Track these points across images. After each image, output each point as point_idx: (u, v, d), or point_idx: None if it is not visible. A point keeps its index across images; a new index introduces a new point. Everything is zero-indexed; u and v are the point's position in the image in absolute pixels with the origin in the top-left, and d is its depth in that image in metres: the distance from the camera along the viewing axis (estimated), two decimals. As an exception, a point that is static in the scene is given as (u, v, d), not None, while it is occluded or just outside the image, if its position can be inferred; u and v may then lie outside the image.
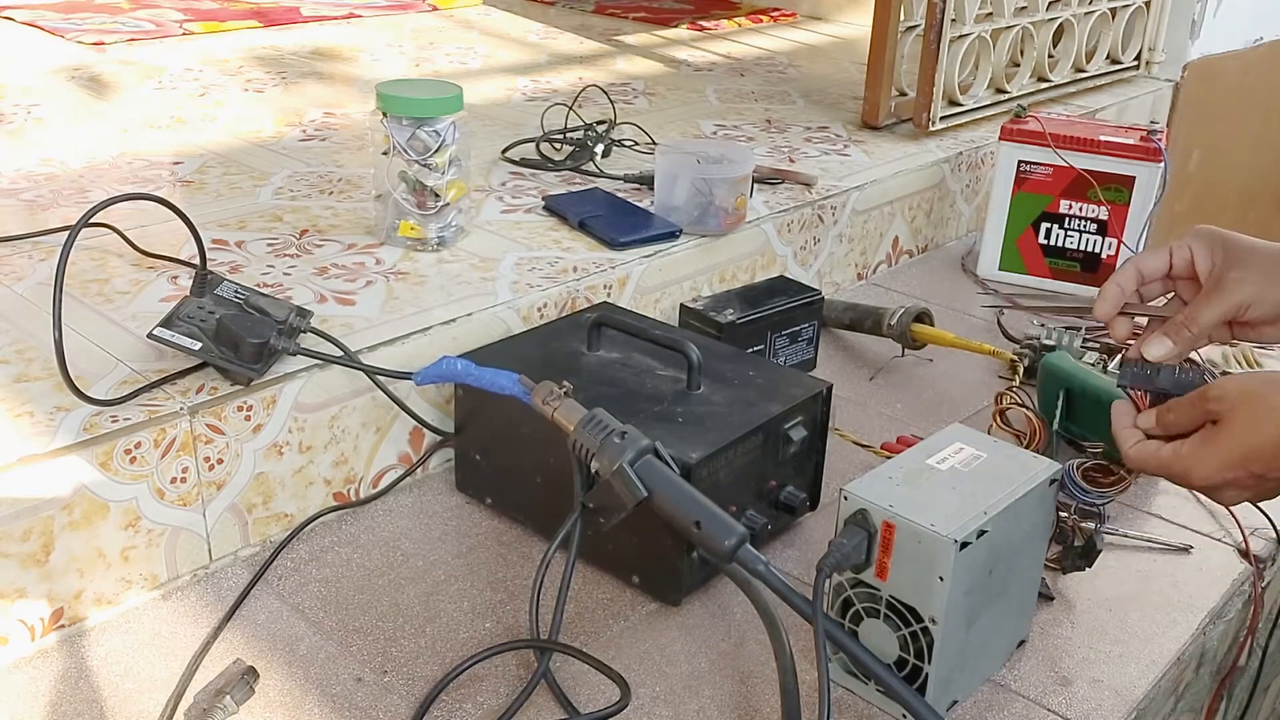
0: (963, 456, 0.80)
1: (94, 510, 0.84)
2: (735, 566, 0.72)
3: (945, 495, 0.76)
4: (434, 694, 0.80)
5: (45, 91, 1.77)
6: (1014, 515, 0.76)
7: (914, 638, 0.75)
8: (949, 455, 0.80)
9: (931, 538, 0.72)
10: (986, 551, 0.74)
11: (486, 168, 1.47)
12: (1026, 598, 0.85)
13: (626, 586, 0.92)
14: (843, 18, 2.69)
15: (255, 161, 1.48)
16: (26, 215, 1.27)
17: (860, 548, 0.75)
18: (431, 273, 1.15)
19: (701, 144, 1.52)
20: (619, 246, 1.22)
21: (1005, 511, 0.75)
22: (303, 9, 2.47)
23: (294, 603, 0.90)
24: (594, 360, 1.00)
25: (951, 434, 0.83)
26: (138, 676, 0.82)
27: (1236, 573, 0.97)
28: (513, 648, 0.85)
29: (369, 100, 1.32)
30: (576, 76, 2.02)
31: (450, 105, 1.17)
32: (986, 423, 1.13)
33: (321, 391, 0.97)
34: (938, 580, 0.72)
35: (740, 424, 0.90)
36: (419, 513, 1.02)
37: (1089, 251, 1.48)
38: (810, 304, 1.23)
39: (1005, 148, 1.48)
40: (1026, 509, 0.78)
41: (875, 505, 0.75)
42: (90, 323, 1.01)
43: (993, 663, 0.83)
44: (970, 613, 0.76)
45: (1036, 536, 0.82)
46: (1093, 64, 1.98)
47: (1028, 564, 0.82)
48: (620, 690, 0.80)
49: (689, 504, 0.74)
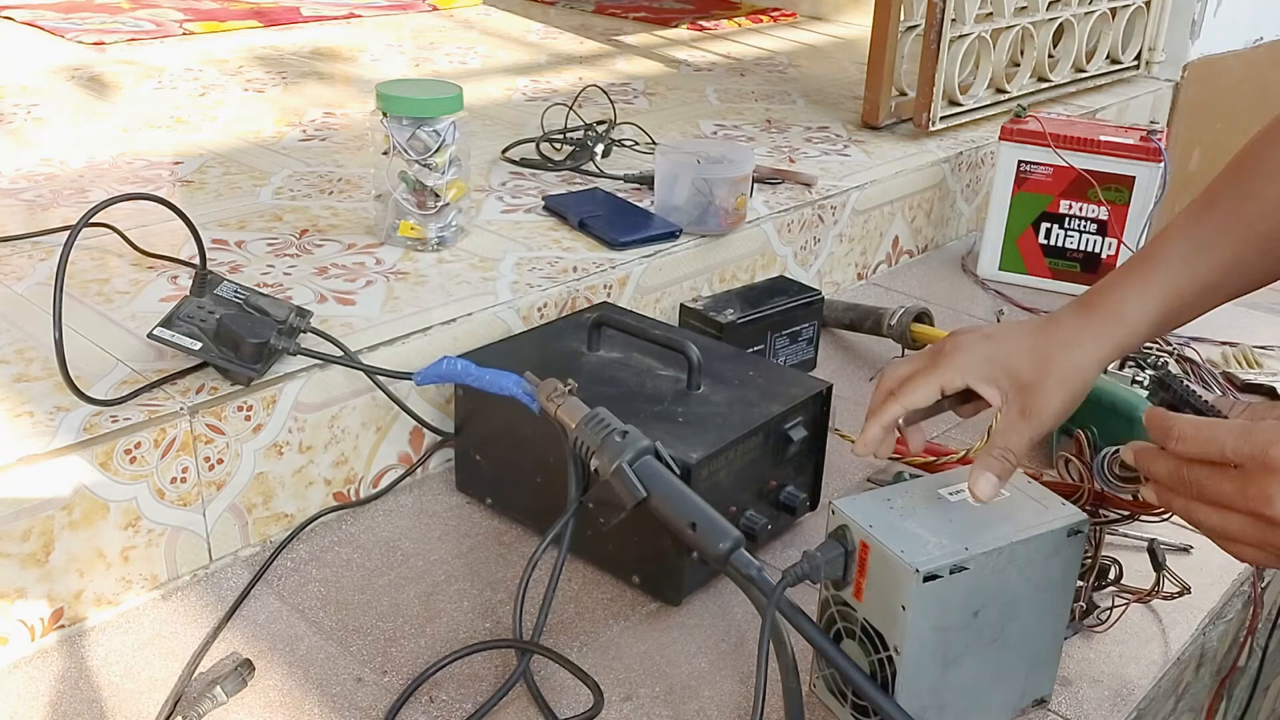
0: None
1: (94, 510, 0.85)
2: (731, 568, 0.72)
3: (936, 525, 0.72)
4: (407, 693, 0.80)
5: (45, 91, 1.77)
6: (1009, 559, 0.72)
7: (881, 665, 0.73)
8: (967, 488, 0.76)
9: (897, 563, 0.69)
10: (966, 591, 0.71)
11: (486, 168, 1.47)
12: (1041, 652, 0.79)
13: (626, 586, 0.92)
14: (843, 18, 2.69)
15: (255, 161, 1.48)
16: (26, 215, 1.27)
17: (836, 563, 0.73)
18: (431, 273, 1.15)
19: (701, 144, 1.52)
20: (619, 246, 1.22)
21: (996, 553, 0.71)
22: (303, 9, 2.47)
23: (294, 603, 0.90)
24: (594, 360, 1.00)
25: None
26: (138, 676, 0.82)
27: (1236, 573, 0.97)
28: (487, 648, 0.85)
29: (369, 100, 1.32)
30: (576, 76, 2.02)
31: (450, 105, 1.17)
32: (985, 423, 1.12)
33: (321, 391, 0.97)
34: (900, 609, 0.70)
35: (740, 424, 0.90)
36: (419, 513, 1.02)
37: (1089, 251, 1.48)
38: (810, 304, 1.23)
39: (1005, 148, 1.48)
40: (1030, 555, 0.73)
41: (856, 523, 0.72)
42: (90, 323, 1.01)
43: (989, 714, 0.78)
44: (946, 652, 0.72)
45: (1050, 588, 0.75)
46: (1093, 64, 1.98)
47: (1038, 616, 0.76)
48: (594, 696, 0.80)
49: (685, 506, 0.73)
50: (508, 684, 0.80)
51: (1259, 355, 1.32)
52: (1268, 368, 1.30)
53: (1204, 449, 0.63)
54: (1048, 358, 0.76)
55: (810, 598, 0.78)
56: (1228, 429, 0.62)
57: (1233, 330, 1.37)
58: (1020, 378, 0.76)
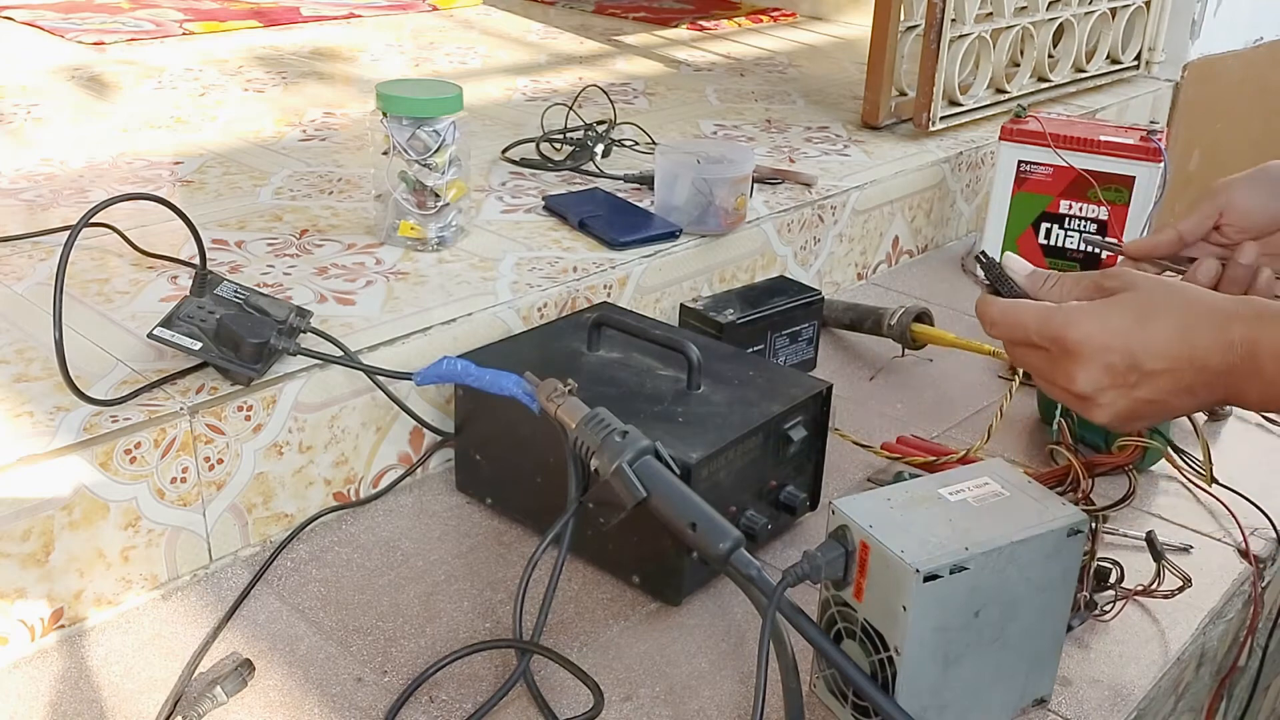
0: (982, 492, 0.76)
1: (94, 510, 0.85)
2: (731, 568, 0.72)
3: (936, 525, 0.72)
4: (407, 693, 0.80)
5: (45, 91, 1.77)
6: (1009, 559, 0.72)
7: (881, 665, 0.73)
8: (968, 488, 0.76)
9: (898, 564, 0.69)
10: (967, 591, 0.71)
11: (486, 168, 1.47)
12: (1041, 652, 0.79)
13: (626, 586, 0.92)
14: (843, 18, 2.69)
15: (255, 161, 1.48)
16: (26, 215, 1.27)
17: (836, 563, 0.73)
18: (431, 273, 1.15)
19: (701, 144, 1.52)
20: (619, 246, 1.22)
21: (996, 553, 0.71)
22: (303, 9, 2.47)
23: (294, 603, 0.90)
24: (594, 360, 1.00)
25: (985, 467, 0.79)
26: (138, 676, 0.82)
27: (1236, 573, 0.97)
28: (487, 648, 0.85)
29: (369, 100, 1.32)
30: (576, 76, 2.02)
31: (450, 105, 1.17)
32: (985, 423, 1.13)
33: (321, 391, 0.97)
34: (901, 609, 0.70)
35: (740, 424, 0.90)
36: (419, 513, 1.02)
37: (1089, 252, 1.48)
38: (810, 304, 1.23)
39: (1005, 148, 1.48)
40: (1031, 556, 0.73)
41: (856, 523, 0.72)
42: (90, 323, 1.01)
43: (989, 714, 0.78)
44: (947, 652, 0.72)
45: (1050, 588, 0.76)
46: (1093, 64, 1.98)
47: (1038, 616, 0.76)
48: (594, 697, 0.80)
49: (685, 506, 0.73)
50: (508, 684, 0.80)
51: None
52: None
53: (1010, 333, 0.69)
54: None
55: (810, 598, 0.78)
56: (1031, 313, 0.68)
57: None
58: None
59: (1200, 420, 1.20)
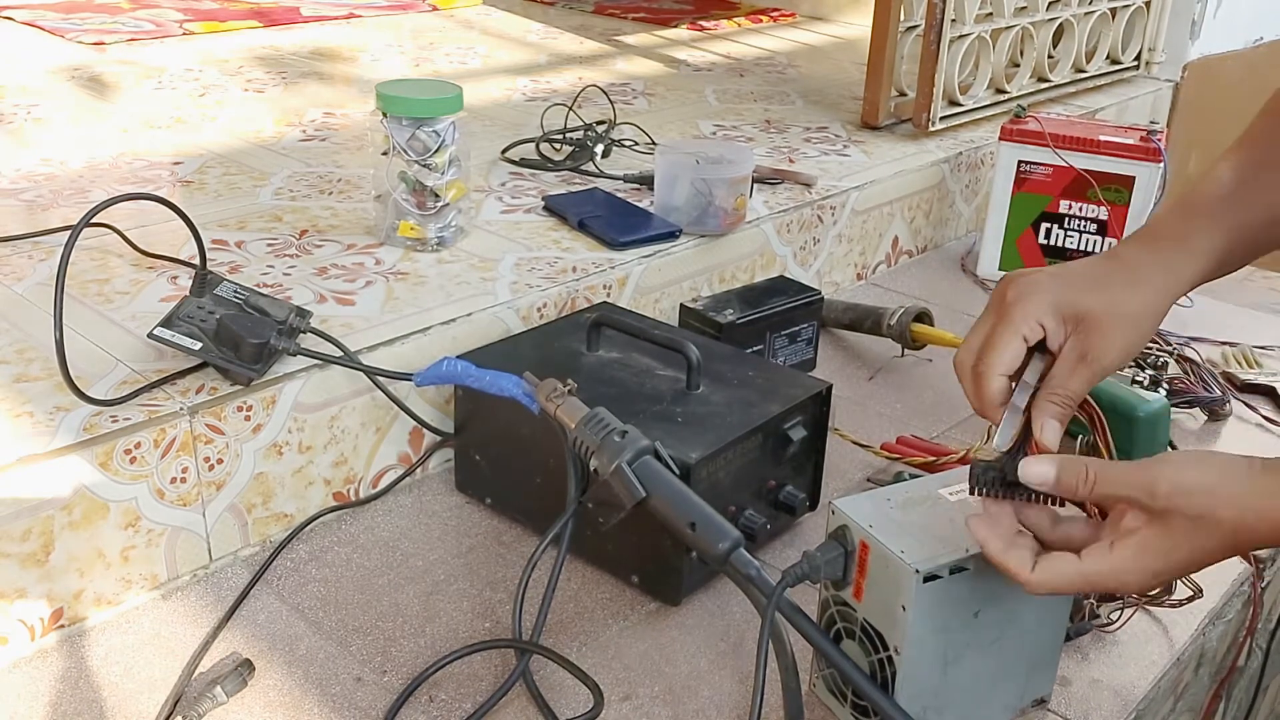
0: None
1: (94, 510, 0.85)
2: (731, 568, 0.72)
3: (936, 526, 0.72)
4: (407, 693, 0.80)
5: (45, 91, 1.77)
6: None
7: (881, 665, 0.73)
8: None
9: (898, 564, 0.69)
10: (967, 591, 0.71)
11: (486, 168, 1.48)
12: (1040, 652, 0.79)
13: (626, 586, 0.92)
14: (843, 18, 2.69)
15: (255, 161, 1.48)
16: (26, 215, 1.27)
17: (836, 563, 0.73)
18: (431, 273, 1.15)
19: (701, 144, 1.52)
20: (619, 246, 1.23)
21: None
22: (303, 9, 2.47)
23: (294, 603, 0.90)
24: (593, 360, 1.00)
25: None
26: (138, 676, 0.82)
27: (1236, 573, 0.97)
28: (487, 648, 0.85)
29: (369, 100, 1.32)
30: (576, 76, 2.02)
31: (450, 105, 1.17)
32: (985, 423, 1.12)
33: (321, 391, 0.97)
34: (901, 609, 0.70)
35: (740, 424, 0.90)
36: (419, 513, 1.02)
37: (1089, 252, 1.48)
38: (810, 304, 1.23)
39: (1005, 148, 1.48)
40: None
41: (855, 523, 0.72)
42: (90, 323, 1.01)
43: (989, 714, 0.78)
44: (947, 652, 0.72)
45: None
46: (1093, 64, 1.98)
47: (1038, 616, 0.76)
48: (594, 696, 0.80)
49: (684, 506, 0.73)
50: (507, 684, 0.80)
51: (1259, 355, 1.32)
52: (1267, 368, 1.30)
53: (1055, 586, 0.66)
54: (1110, 295, 0.70)
55: (810, 598, 0.78)
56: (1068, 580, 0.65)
57: (1233, 330, 1.37)
58: (1081, 318, 0.70)
59: (1200, 421, 1.20)
